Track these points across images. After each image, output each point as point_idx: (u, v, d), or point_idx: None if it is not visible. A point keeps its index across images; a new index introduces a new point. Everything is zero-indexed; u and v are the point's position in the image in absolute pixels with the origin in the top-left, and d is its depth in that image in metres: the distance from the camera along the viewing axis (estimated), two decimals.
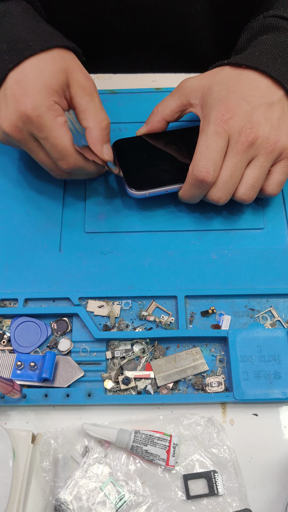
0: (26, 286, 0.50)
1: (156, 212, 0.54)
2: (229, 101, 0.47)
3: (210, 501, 0.42)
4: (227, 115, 0.46)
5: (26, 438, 0.42)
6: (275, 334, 0.46)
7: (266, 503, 0.42)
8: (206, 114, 0.48)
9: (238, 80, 0.48)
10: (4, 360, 0.47)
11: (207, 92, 0.49)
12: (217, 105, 0.47)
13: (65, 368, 0.46)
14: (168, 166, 0.51)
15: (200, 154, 0.47)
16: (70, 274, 0.50)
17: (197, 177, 0.47)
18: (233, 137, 0.46)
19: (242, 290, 0.49)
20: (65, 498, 0.41)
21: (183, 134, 0.54)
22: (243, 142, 0.46)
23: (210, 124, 0.47)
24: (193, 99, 0.50)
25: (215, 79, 0.49)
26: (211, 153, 0.46)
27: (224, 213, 0.53)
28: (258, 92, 0.47)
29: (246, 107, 0.46)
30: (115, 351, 0.47)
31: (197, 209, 0.53)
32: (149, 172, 0.51)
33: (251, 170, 0.48)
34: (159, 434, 0.43)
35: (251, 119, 0.46)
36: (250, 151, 0.47)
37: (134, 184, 0.50)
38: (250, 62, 0.48)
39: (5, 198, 0.55)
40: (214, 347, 0.48)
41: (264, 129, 0.47)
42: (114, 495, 0.42)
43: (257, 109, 0.47)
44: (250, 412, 0.45)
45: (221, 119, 0.46)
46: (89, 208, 0.54)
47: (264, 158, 0.47)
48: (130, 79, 0.65)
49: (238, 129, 0.46)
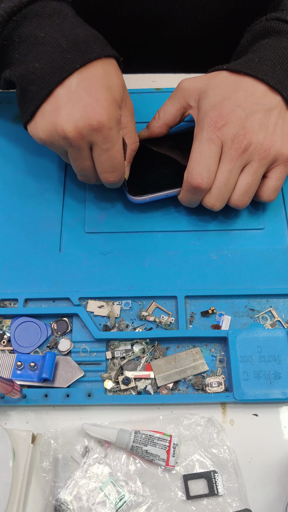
0: (26, 286, 0.50)
1: (156, 212, 0.54)
2: (223, 108, 0.46)
3: (210, 501, 0.42)
4: (221, 122, 0.46)
5: (26, 438, 0.42)
6: (275, 334, 0.46)
7: (266, 503, 0.42)
8: (200, 119, 0.48)
9: (235, 86, 0.48)
10: (4, 360, 0.47)
11: (203, 95, 0.49)
12: (211, 111, 0.47)
13: (65, 368, 0.46)
14: (167, 170, 0.52)
15: (193, 160, 0.47)
16: (70, 274, 0.50)
17: (191, 183, 0.47)
18: (226, 143, 0.46)
19: (242, 290, 0.49)
20: (65, 498, 0.41)
21: (182, 137, 0.54)
22: (236, 149, 0.46)
23: (204, 130, 0.47)
24: (191, 101, 0.50)
25: (211, 82, 0.49)
26: (205, 159, 0.46)
27: (224, 214, 0.53)
28: (254, 98, 0.47)
29: (241, 114, 0.46)
30: (115, 351, 0.47)
31: (197, 209, 0.53)
32: (149, 177, 0.51)
33: (244, 176, 0.48)
34: (159, 434, 0.43)
35: (245, 125, 0.46)
36: (243, 157, 0.47)
37: (134, 190, 0.51)
38: (249, 69, 0.48)
39: (5, 198, 0.55)
40: (214, 347, 0.48)
41: (258, 135, 0.46)
42: (114, 495, 0.42)
43: (252, 116, 0.47)
44: (250, 412, 0.45)
45: (214, 125, 0.46)
46: (89, 208, 0.54)
47: (258, 164, 0.47)
48: (130, 79, 0.65)
49: (232, 135, 0.46)
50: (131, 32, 0.65)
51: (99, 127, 0.43)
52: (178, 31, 0.65)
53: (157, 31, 0.65)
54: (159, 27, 0.64)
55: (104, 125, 0.43)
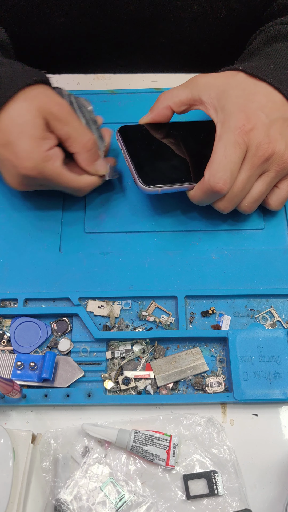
0: (26, 286, 0.50)
1: (156, 212, 0.54)
2: (249, 110, 0.46)
3: (210, 501, 0.42)
4: (248, 126, 0.45)
5: (26, 438, 0.42)
6: (275, 335, 0.46)
7: (266, 503, 0.42)
8: (225, 120, 0.46)
9: (255, 90, 0.47)
10: (4, 360, 0.47)
11: (223, 94, 0.47)
12: (237, 113, 0.46)
13: (65, 368, 0.46)
14: (180, 163, 0.49)
15: (218, 163, 0.45)
16: (70, 274, 0.50)
17: (213, 187, 0.46)
18: (251, 149, 0.45)
19: (242, 290, 0.49)
20: (65, 498, 0.41)
21: (194, 128, 0.52)
22: (260, 157, 0.45)
23: (230, 133, 0.45)
24: (205, 96, 0.48)
25: (230, 82, 0.48)
26: (230, 164, 0.45)
27: (224, 214, 0.53)
28: (275, 105, 0.46)
29: (265, 120, 0.46)
30: (115, 351, 0.47)
31: (197, 209, 0.53)
32: (161, 167, 0.49)
33: (259, 184, 0.48)
34: (159, 434, 0.43)
35: (269, 133, 0.46)
36: (263, 166, 0.46)
37: (145, 179, 0.47)
38: (265, 75, 0.47)
39: (5, 198, 0.55)
40: (214, 348, 0.48)
41: (280, 145, 0.46)
42: (114, 495, 0.42)
43: (274, 123, 0.46)
44: (250, 412, 0.46)
45: (241, 129, 0.45)
46: (89, 208, 0.54)
47: (275, 174, 0.47)
48: (130, 79, 0.65)
49: (257, 142, 0.45)
50: (131, 32, 0.65)
51: (31, 177, 0.47)
52: (179, 30, 0.65)
53: (157, 30, 0.65)
54: (159, 27, 0.64)
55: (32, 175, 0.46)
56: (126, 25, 0.64)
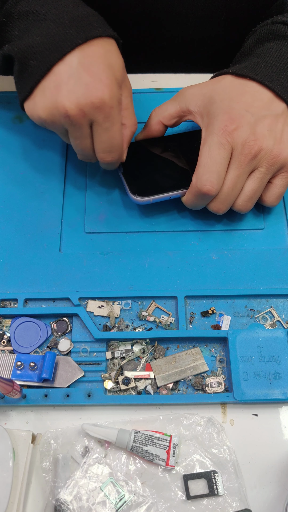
0: (26, 286, 0.50)
1: (156, 212, 0.54)
2: (233, 112, 0.46)
3: (210, 501, 0.42)
4: (231, 126, 0.45)
5: (26, 438, 0.42)
6: (275, 335, 0.46)
7: (266, 503, 0.42)
8: (209, 124, 0.47)
9: (241, 90, 0.47)
10: (4, 360, 0.47)
11: (208, 101, 0.48)
12: (220, 115, 0.46)
13: (65, 368, 0.46)
14: (170, 171, 0.51)
15: (203, 166, 0.46)
16: (70, 274, 0.50)
17: (200, 190, 0.46)
18: (236, 148, 0.46)
19: (242, 290, 0.49)
20: (65, 498, 0.41)
21: (183, 138, 0.54)
22: (247, 154, 0.46)
23: (214, 135, 0.46)
24: (193, 106, 0.49)
25: (216, 88, 0.48)
26: (215, 165, 0.46)
27: (224, 214, 0.53)
28: (262, 103, 0.47)
29: (250, 119, 0.46)
30: (115, 351, 0.47)
31: (197, 210, 0.53)
32: (152, 178, 0.51)
33: (251, 182, 0.48)
34: (159, 434, 0.43)
35: (255, 131, 0.46)
36: (252, 163, 0.46)
37: (137, 191, 0.50)
38: (255, 74, 0.47)
39: (5, 198, 0.55)
40: (214, 348, 0.48)
41: (268, 141, 0.46)
42: (114, 495, 0.42)
43: (261, 121, 0.46)
44: (250, 412, 0.46)
45: (224, 130, 0.45)
46: (89, 208, 0.54)
47: (265, 170, 0.47)
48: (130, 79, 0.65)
49: (242, 141, 0.45)
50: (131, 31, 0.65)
51: (101, 105, 0.43)
52: (179, 30, 0.65)
53: (157, 30, 0.65)
54: (159, 27, 0.64)
55: (105, 103, 0.43)
56: (126, 26, 0.64)
